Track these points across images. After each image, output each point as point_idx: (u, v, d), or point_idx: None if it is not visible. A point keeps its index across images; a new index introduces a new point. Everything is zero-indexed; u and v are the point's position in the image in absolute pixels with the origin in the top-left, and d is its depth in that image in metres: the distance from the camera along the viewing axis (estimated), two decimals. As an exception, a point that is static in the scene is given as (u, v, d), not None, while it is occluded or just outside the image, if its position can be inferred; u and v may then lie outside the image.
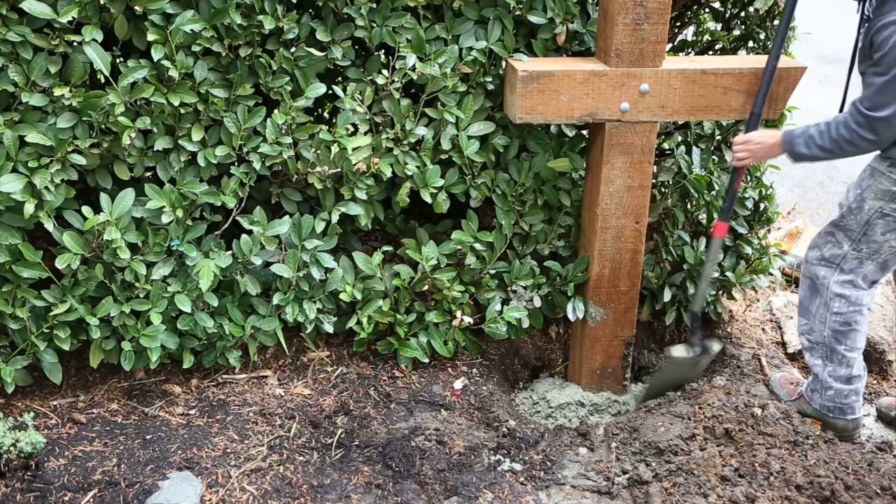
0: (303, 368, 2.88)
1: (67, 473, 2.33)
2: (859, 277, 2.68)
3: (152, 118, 2.44)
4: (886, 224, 2.58)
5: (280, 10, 2.50)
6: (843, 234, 2.66)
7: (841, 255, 2.67)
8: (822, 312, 2.73)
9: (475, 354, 3.04)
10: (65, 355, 2.62)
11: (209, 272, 2.53)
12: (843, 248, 2.66)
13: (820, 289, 2.73)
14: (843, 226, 2.67)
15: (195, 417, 2.61)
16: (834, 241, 2.69)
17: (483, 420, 2.74)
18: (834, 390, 2.76)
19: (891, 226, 2.57)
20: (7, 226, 2.37)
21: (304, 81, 2.59)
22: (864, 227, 2.60)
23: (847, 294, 2.68)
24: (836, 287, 2.69)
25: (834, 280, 2.69)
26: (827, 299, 2.71)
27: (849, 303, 2.69)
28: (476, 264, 2.88)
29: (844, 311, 2.69)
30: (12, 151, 2.29)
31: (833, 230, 2.70)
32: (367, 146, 2.71)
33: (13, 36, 2.23)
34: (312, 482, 2.38)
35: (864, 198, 2.58)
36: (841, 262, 2.68)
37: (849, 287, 2.68)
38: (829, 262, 2.71)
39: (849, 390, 2.76)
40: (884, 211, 2.55)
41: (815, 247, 2.76)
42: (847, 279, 2.68)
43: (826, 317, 2.73)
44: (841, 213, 2.67)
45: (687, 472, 2.46)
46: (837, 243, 2.68)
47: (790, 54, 3.10)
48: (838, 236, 2.68)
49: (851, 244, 2.65)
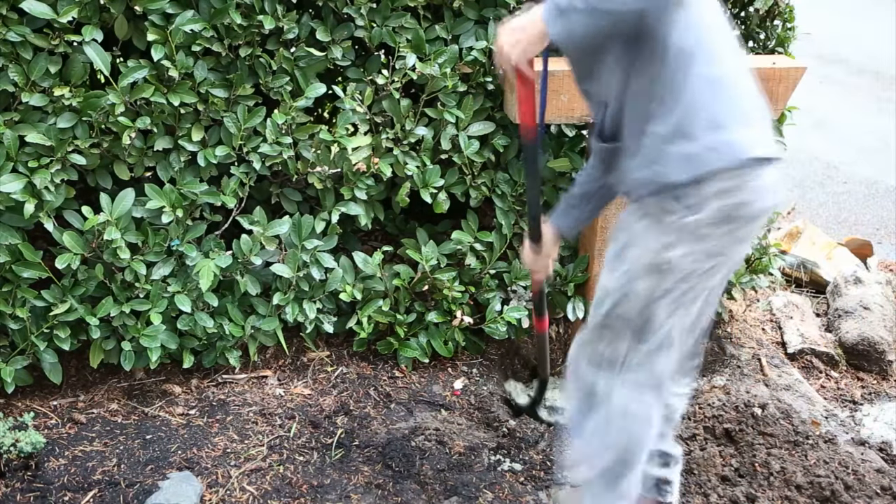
0: (303, 368, 2.88)
1: (67, 473, 2.33)
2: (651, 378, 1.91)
3: (152, 118, 2.44)
4: (671, 302, 1.81)
5: (280, 10, 2.50)
6: (622, 324, 1.87)
7: (623, 350, 1.89)
8: (601, 428, 1.96)
9: (475, 354, 3.04)
10: (65, 355, 2.62)
11: (209, 272, 2.53)
12: (625, 343, 1.88)
13: (597, 399, 1.96)
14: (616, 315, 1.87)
15: (195, 417, 2.61)
16: (610, 334, 1.90)
17: (483, 420, 2.74)
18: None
19: (676, 303, 1.81)
20: (7, 226, 2.37)
21: (304, 81, 2.59)
22: (644, 312, 1.83)
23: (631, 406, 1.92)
24: (621, 396, 1.92)
25: (618, 385, 1.92)
26: (607, 413, 1.94)
27: (633, 417, 1.93)
28: (476, 264, 2.88)
29: (627, 427, 1.94)
30: (12, 151, 2.30)
31: (608, 322, 1.90)
32: (367, 146, 2.71)
33: (13, 36, 2.23)
34: (312, 482, 2.38)
35: (633, 275, 1.82)
36: (623, 359, 1.90)
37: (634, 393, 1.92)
38: (607, 361, 1.92)
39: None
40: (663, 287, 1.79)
41: (585, 343, 1.97)
42: (633, 381, 1.91)
43: (604, 435, 1.96)
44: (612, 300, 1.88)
45: (687, 472, 2.46)
46: (615, 336, 1.89)
47: (790, 54, 3.10)
48: (615, 328, 1.89)
49: (633, 336, 1.87)
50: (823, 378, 3.28)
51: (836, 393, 3.21)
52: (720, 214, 1.70)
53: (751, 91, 1.78)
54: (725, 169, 1.68)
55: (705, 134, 1.69)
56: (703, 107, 1.70)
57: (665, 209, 1.73)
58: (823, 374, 3.30)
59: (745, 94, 1.77)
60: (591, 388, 1.97)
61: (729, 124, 1.70)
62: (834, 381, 3.28)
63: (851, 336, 3.36)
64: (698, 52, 1.72)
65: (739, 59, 1.82)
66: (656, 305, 1.81)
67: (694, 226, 1.71)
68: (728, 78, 1.74)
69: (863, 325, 3.39)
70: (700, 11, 1.76)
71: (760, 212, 1.76)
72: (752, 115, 1.75)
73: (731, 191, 1.69)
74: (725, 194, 1.69)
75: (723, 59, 1.75)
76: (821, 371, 3.31)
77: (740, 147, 1.69)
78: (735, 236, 1.76)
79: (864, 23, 9.15)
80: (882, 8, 9.70)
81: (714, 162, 1.68)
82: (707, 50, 1.73)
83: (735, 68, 1.77)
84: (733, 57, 1.79)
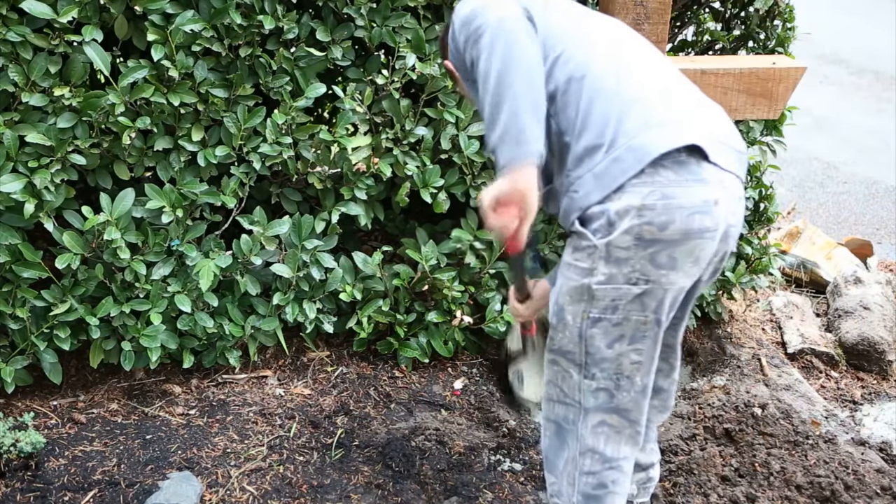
0: (303, 368, 2.88)
1: (67, 473, 2.33)
2: (614, 417, 1.84)
3: (152, 118, 2.44)
4: (606, 332, 1.75)
5: (280, 10, 2.50)
6: (564, 359, 1.84)
7: (575, 386, 1.84)
8: (571, 470, 1.93)
9: (475, 354, 3.04)
10: (65, 355, 2.62)
11: (209, 272, 2.53)
12: (574, 378, 1.84)
13: (568, 437, 1.92)
14: (557, 349, 1.84)
15: (195, 417, 2.61)
16: (560, 370, 1.86)
17: (483, 420, 2.74)
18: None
19: (612, 333, 1.74)
20: (7, 226, 2.37)
21: (304, 81, 2.59)
22: (580, 344, 1.78)
23: (599, 447, 1.87)
24: (589, 436, 1.87)
25: (583, 424, 1.87)
26: (576, 453, 1.90)
27: (602, 458, 1.88)
28: (476, 263, 2.88)
29: (597, 470, 1.89)
30: (12, 151, 2.29)
31: (553, 357, 1.87)
32: (367, 146, 2.71)
33: (13, 36, 2.23)
34: (312, 482, 2.38)
35: (561, 305, 1.78)
36: (580, 396, 1.84)
37: (602, 434, 1.86)
38: (568, 399, 1.87)
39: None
40: (591, 315, 1.74)
41: (549, 381, 1.92)
42: (598, 420, 1.85)
43: (575, 477, 1.92)
44: (549, 334, 1.87)
45: (687, 472, 2.46)
46: (565, 371, 1.85)
47: (790, 54, 3.10)
48: (562, 363, 1.85)
49: (579, 371, 1.82)
50: (823, 378, 3.28)
51: (836, 393, 3.21)
52: (632, 235, 1.63)
53: (643, 84, 1.69)
54: (632, 179, 1.61)
55: (608, 151, 1.64)
56: (597, 122, 1.65)
57: (581, 235, 1.69)
58: (823, 374, 3.30)
59: (635, 93, 1.67)
60: (559, 424, 1.93)
61: (625, 133, 1.63)
62: (834, 381, 3.28)
63: (851, 336, 3.36)
64: (567, 67, 1.68)
65: (616, 48, 1.74)
66: (589, 334, 1.75)
67: (607, 248, 1.66)
68: (607, 81, 1.67)
69: (863, 325, 3.40)
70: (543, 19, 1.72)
71: (684, 234, 1.63)
72: (651, 113, 1.65)
73: (641, 209, 1.61)
74: (636, 213, 1.61)
75: (591, 61, 1.69)
76: (821, 371, 3.31)
77: (641, 150, 1.61)
78: (657, 261, 1.65)
79: (864, 22, 9.15)
80: (882, 7, 9.70)
81: (619, 175, 1.62)
82: (574, 62, 1.69)
83: (613, 66, 1.70)
84: (606, 50, 1.72)
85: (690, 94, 1.76)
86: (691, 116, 1.69)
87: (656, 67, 1.76)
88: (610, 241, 1.64)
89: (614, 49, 1.75)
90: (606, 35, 1.79)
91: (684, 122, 1.66)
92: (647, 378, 1.81)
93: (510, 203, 1.62)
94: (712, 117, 1.73)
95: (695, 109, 1.71)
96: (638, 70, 1.72)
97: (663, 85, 1.73)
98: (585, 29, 1.78)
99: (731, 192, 1.68)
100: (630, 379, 1.79)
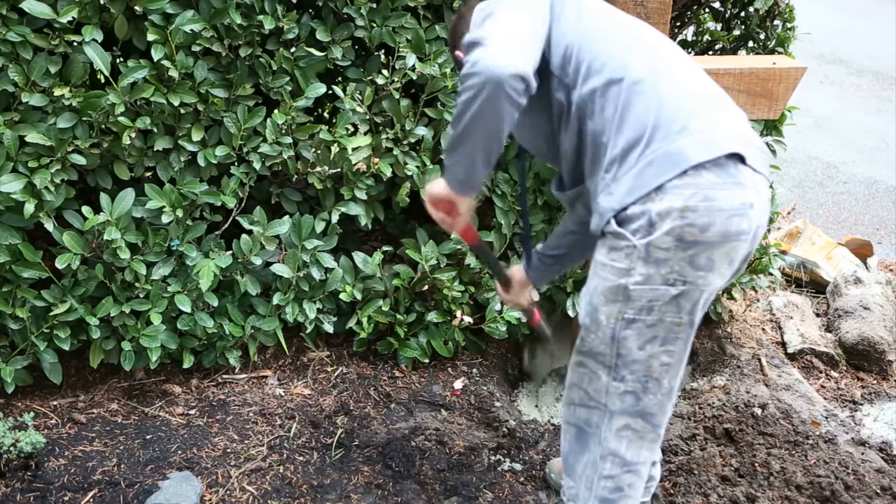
0: (303, 368, 2.88)
1: (67, 473, 2.33)
2: (639, 420, 1.84)
3: (152, 118, 2.44)
4: (639, 333, 1.75)
5: (280, 10, 2.50)
6: (594, 360, 1.84)
7: (602, 389, 1.85)
8: (590, 474, 1.93)
9: (475, 354, 3.04)
10: (65, 355, 2.62)
11: (209, 272, 2.53)
12: (602, 380, 1.83)
13: (589, 441, 1.93)
14: (587, 350, 1.85)
15: (195, 417, 2.61)
16: (588, 371, 1.87)
17: (483, 420, 2.74)
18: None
19: (646, 334, 1.74)
20: (7, 226, 2.37)
21: (304, 81, 2.59)
22: (612, 345, 1.78)
23: (621, 450, 1.87)
24: (612, 439, 1.87)
25: (607, 428, 1.87)
26: (597, 457, 1.90)
27: (623, 462, 1.88)
28: (476, 264, 2.88)
29: (616, 474, 1.90)
30: (12, 151, 2.30)
31: (581, 359, 1.87)
32: (367, 146, 2.71)
33: (13, 36, 2.23)
34: (312, 482, 2.38)
35: (595, 305, 1.78)
36: (606, 399, 1.85)
37: (625, 438, 1.86)
38: (593, 402, 1.88)
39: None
40: (626, 316, 1.73)
41: (573, 385, 1.93)
42: (623, 424, 1.85)
43: (593, 480, 1.92)
44: (580, 335, 1.86)
45: (687, 472, 2.46)
46: (592, 373, 1.85)
47: (790, 54, 3.10)
48: (590, 365, 1.85)
49: (608, 372, 1.81)
50: (823, 378, 3.28)
51: (836, 393, 3.21)
52: (673, 236, 1.63)
53: (680, 87, 1.72)
54: (673, 180, 1.62)
55: (644, 152, 1.65)
56: (636, 123, 1.67)
57: (619, 235, 1.69)
58: (823, 374, 3.30)
59: (672, 96, 1.69)
60: (581, 428, 1.94)
61: (663, 136, 1.64)
62: (834, 381, 3.28)
63: (851, 336, 3.36)
64: (605, 71, 1.71)
65: (652, 52, 1.76)
66: (623, 336, 1.74)
67: (646, 249, 1.65)
68: (645, 84, 1.69)
69: (863, 325, 3.39)
70: (577, 25, 1.78)
71: (723, 236, 1.64)
72: (688, 117, 1.66)
73: (684, 211, 1.61)
74: (678, 214, 1.61)
75: (629, 65, 1.71)
76: (821, 371, 3.31)
77: (679, 156, 1.62)
78: (696, 262, 1.66)
79: (864, 22, 9.15)
80: (882, 7, 9.71)
81: (653, 179, 1.63)
82: (611, 65, 1.72)
83: (650, 69, 1.72)
84: (643, 54, 1.74)
85: (720, 96, 1.78)
86: (725, 120, 1.71)
87: (690, 71, 1.79)
88: (650, 242, 1.64)
89: (650, 52, 1.77)
90: (642, 39, 1.82)
91: (720, 127, 1.68)
92: (675, 381, 1.81)
93: (442, 203, 1.86)
94: (741, 120, 1.75)
95: (725, 112, 1.74)
96: (675, 73, 1.75)
97: (698, 88, 1.75)
98: (620, 32, 1.81)
99: (763, 195, 1.71)
100: (658, 381, 1.79)
